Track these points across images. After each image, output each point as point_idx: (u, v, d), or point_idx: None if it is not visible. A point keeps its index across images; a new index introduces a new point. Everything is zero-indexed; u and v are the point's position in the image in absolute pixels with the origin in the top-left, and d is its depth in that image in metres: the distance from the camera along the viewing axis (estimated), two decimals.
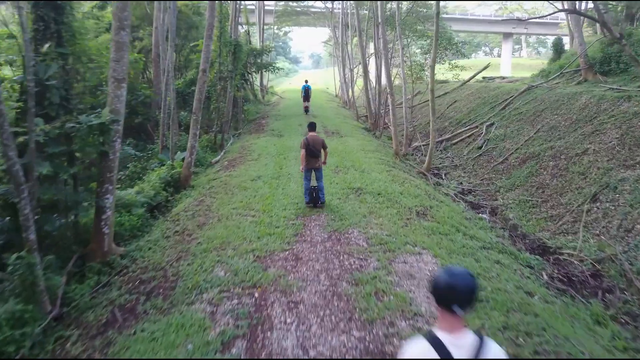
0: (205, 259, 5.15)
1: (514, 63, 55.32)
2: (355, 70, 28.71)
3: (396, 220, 6.41)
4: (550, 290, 5.33)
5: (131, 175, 11.46)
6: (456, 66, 16.46)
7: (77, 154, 5.85)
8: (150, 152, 12.73)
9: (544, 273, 6.01)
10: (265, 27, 39.20)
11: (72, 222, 5.90)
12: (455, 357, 1.48)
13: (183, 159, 9.91)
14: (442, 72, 21.00)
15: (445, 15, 34.43)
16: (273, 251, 5.24)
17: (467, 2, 51.29)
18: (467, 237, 6.28)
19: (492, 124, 13.97)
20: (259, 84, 31.60)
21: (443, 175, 12.06)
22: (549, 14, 26.89)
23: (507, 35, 57.10)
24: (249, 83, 23.78)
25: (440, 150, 15.04)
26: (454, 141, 14.94)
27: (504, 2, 53.14)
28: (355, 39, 30.66)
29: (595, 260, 6.32)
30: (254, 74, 23.27)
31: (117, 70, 5.62)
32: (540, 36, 79.99)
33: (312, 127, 6.94)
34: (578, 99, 11.32)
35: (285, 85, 49.29)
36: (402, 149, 12.88)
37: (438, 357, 1.47)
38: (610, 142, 8.83)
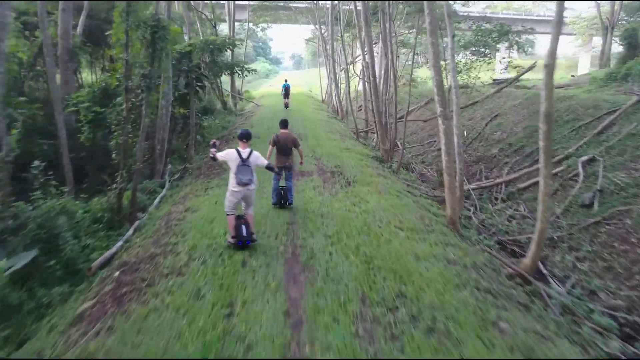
0: None
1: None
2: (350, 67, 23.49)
3: None
4: None
5: None
6: (515, 66, 11.15)
7: None
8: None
9: None
10: (238, 22, 33.58)
11: None
12: (242, 155, 4.96)
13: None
14: (481, 73, 15.81)
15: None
16: None
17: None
18: None
19: (592, 159, 8.69)
20: (229, 89, 25.82)
21: (543, 268, 6.63)
22: None
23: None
24: (213, 89, 18.07)
25: (500, 197, 9.64)
26: (521, 185, 9.59)
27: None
28: (347, 34, 25.36)
29: None
30: (218, 76, 17.52)
31: None
32: (530, 36, 76.77)
33: (284, 124, 6.62)
34: None
35: (265, 87, 43.24)
36: (456, 208, 7.43)
37: (235, 154, 4.97)
38: None
